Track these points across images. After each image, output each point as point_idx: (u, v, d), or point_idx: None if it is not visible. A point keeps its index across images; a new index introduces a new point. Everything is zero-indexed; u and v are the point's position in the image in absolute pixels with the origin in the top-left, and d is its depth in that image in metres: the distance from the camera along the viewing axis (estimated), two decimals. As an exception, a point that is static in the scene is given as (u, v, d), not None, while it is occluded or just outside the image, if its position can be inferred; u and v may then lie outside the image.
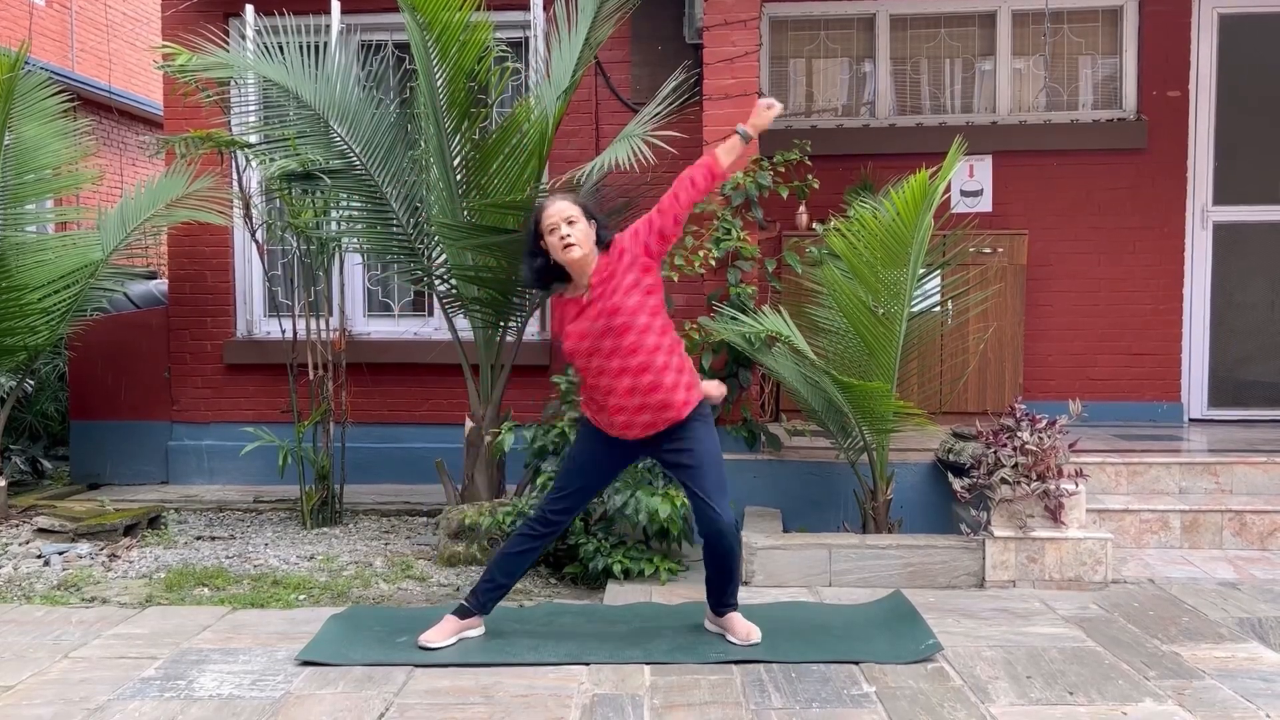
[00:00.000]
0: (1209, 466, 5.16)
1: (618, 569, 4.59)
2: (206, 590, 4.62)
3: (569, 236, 3.57)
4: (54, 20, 11.24)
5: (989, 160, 6.54)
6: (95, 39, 11.86)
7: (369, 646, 3.74)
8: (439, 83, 5.04)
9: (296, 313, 6.11)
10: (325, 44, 5.60)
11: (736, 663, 3.59)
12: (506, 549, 3.85)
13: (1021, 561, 4.45)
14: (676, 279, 5.18)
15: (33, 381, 7.24)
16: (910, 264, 4.49)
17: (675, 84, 5.15)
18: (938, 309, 5.23)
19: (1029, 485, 4.44)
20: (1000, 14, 6.60)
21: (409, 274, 6.00)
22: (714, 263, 5.16)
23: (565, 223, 3.58)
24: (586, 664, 3.59)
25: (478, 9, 4.88)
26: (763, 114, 3.83)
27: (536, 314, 6.21)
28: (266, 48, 5.52)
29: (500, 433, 5.20)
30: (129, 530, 5.54)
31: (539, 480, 4.96)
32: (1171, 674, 3.48)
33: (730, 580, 3.81)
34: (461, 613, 3.81)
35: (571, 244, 3.57)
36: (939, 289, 5.21)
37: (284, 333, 6.21)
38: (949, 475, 4.87)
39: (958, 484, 4.67)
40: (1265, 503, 4.97)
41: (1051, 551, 4.44)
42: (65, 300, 6.03)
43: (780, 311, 4.84)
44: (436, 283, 5.56)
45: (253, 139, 5.91)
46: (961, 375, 6.08)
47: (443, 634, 3.76)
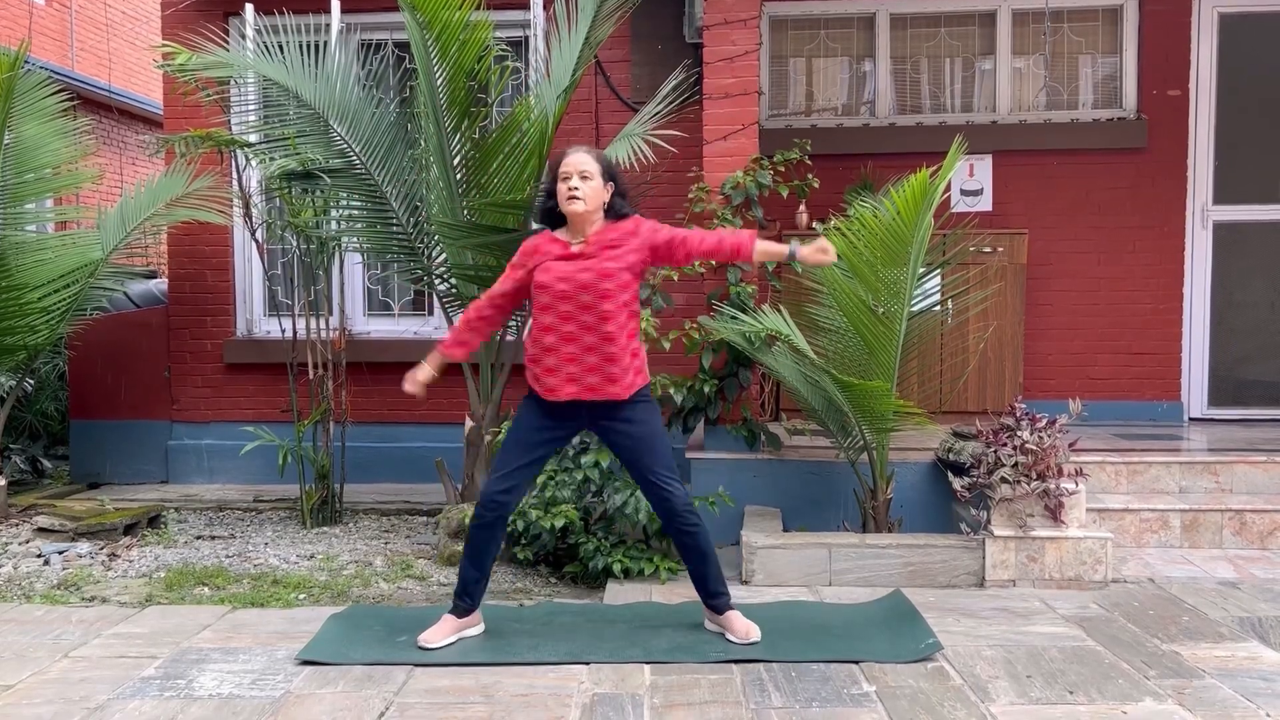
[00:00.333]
0: (1209, 466, 5.16)
1: (617, 568, 4.59)
2: (206, 589, 4.62)
3: (577, 190, 3.64)
4: (54, 19, 11.24)
5: (989, 159, 6.54)
6: (95, 38, 11.86)
7: (369, 646, 3.74)
8: (439, 82, 5.04)
9: (296, 312, 6.12)
10: (325, 43, 5.60)
11: (736, 662, 3.59)
12: (466, 546, 3.82)
13: (1021, 561, 4.45)
14: (676, 278, 5.18)
15: (32, 381, 7.25)
16: (910, 263, 4.49)
17: (675, 83, 5.15)
18: (938, 308, 5.22)
19: (1029, 484, 4.44)
20: (1000, 13, 6.60)
21: (409, 273, 6.00)
22: (714, 262, 5.15)
23: (579, 175, 3.66)
24: (586, 663, 3.59)
25: (477, 8, 4.88)
26: (817, 256, 3.79)
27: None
28: (266, 47, 5.52)
29: (500, 432, 5.20)
30: (129, 529, 5.54)
31: (539, 479, 4.96)
32: (1171, 673, 3.48)
33: (706, 561, 3.81)
34: (459, 612, 3.81)
35: (577, 197, 3.64)
36: (939, 288, 5.21)
37: (284, 332, 6.22)
38: (949, 474, 4.87)
39: (958, 483, 4.67)
40: (1265, 502, 4.97)
41: (1051, 551, 4.44)
42: (65, 299, 6.03)
43: (780, 310, 4.84)
44: (436, 282, 5.57)
45: (252, 138, 5.91)
46: (961, 374, 6.08)
47: (441, 634, 3.76)
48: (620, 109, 6.55)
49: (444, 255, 5.42)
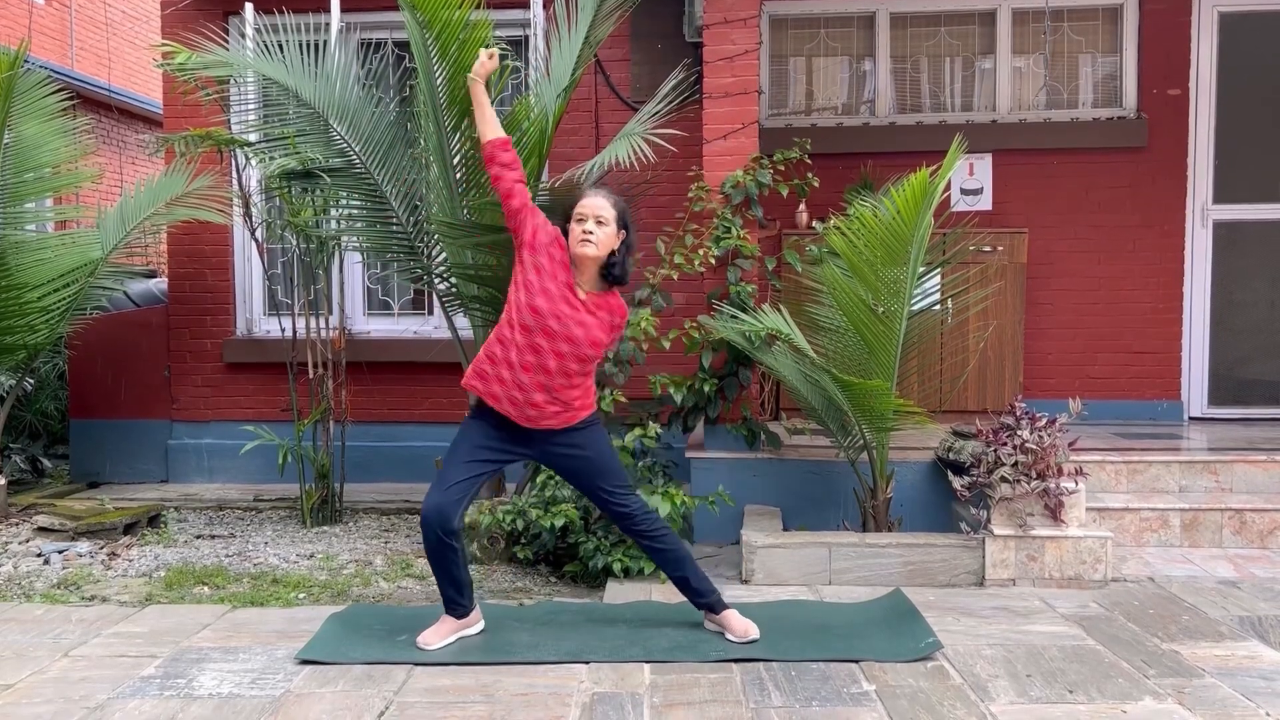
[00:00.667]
0: (1209, 465, 5.16)
1: (617, 567, 4.59)
2: (206, 589, 4.62)
3: (591, 235, 3.63)
4: (53, 18, 11.24)
5: (989, 159, 6.54)
6: (95, 37, 11.86)
7: (369, 645, 3.74)
8: (439, 81, 5.04)
9: (296, 311, 6.11)
10: (325, 42, 5.59)
11: (736, 661, 3.59)
12: (433, 567, 3.74)
13: (1021, 560, 4.45)
14: (676, 277, 5.18)
15: (32, 380, 7.24)
16: (910, 262, 4.49)
17: (675, 82, 5.14)
18: (938, 307, 5.22)
19: (1029, 484, 4.44)
20: (1000, 12, 6.60)
21: (409, 272, 6.00)
22: (714, 261, 5.16)
23: (595, 219, 3.64)
24: (586, 662, 3.59)
25: (477, 7, 4.88)
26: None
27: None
28: (266, 46, 5.51)
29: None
30: (129, 529, 5.54)
31: (538, 479, 4.96)
32: (1171, 672, 3.48)
33: (684, 564, 3.82)
34: (455, 614, 3.81)
35: (590, 241, 3.63)
36: (939, 287, 5.21)
37: (284, 331, 6.22)
38: (949, 474, 4.87)
39: (958, 482, 4.67)
40: (1265, 501, 4.97)
41: (1051, 550, 4.44)
42: (65, 299, 6.03)
43: (780, 310, 4.84)
44: (436, 281, 5.56)
45: (252, 137, 5.91)
46: (961, 374, 6.08)
47: (440, 634, 3.75)
48: (620, 108, 6.55)
49: (444, 254, 5.42)
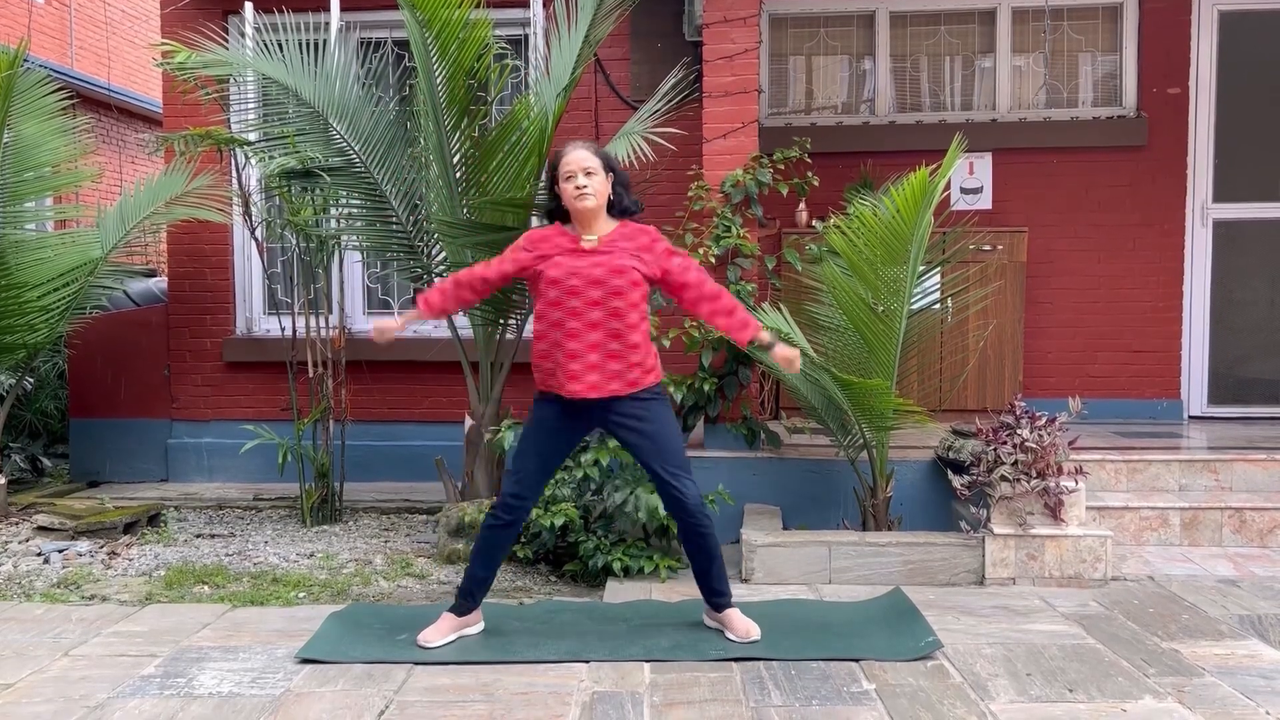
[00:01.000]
0: (1209, 464, 5.16)
1: (617, 566, 4.59)
2: (206, 588, 4.62)
3: (585, 187, 3.63)
4: (53, 18, 11.23)
5: (989, 157, 6.54)
6: (94, 36, 11.85)
7: (369, 644, 3.74)
8: (438, 80, 5.04)
9: (296, 310, 6.11)
10: (325, 41, 5.60)
11: (736, 660, 3.59)
12: (479, 543, 3.82)
13: (1021, 559, 4.45)
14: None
15: (32, 379, 7.24)
16: (910, 261, 4.48)
17: (675, 81, 5.15)
18: (937, 306, 5.22)
19: (1029, 483, 4.44)
20: (1000, 11, 6.60)
21: (408, 272, 5.99)
22: (714, 260, 5.16)
23: (583, 172, 3.64)
24: (586, 661, 3.59)
25: (477, 6, 4.88)
26: (786, 361, 3.82)
27: (536, 311, 6.20)
28: (266, 45, 5.52)
29: (500, 430, 5.20)
30: (129, 528, 5.54)
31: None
32: (1171, 671, 3.48)
33: (712, 561, 3.80)
34: (458, 610, 3.81)
35: (586, 193, 3.63)
36: (939, 286, 5.20)
37: (283, 330, 6.21)
38: (949, 473, 4.87)
39: (957, 481, 4.66)
40: (1265, 500, 4.97)
41: (1051, 549, 4.44)
42: (64, 298, 6.03)
43: (780, 309, 4.84)
44: (436, 280, 5.56)
45: (252, 136, 5.91)
46: (961, 373, 6.08)
47: (441, 632, 3.76)
48: (620, 107, 6.54)
49: (443, 254, 5.42)
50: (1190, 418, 6.51)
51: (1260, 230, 6.53)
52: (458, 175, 5.23)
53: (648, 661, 3.59)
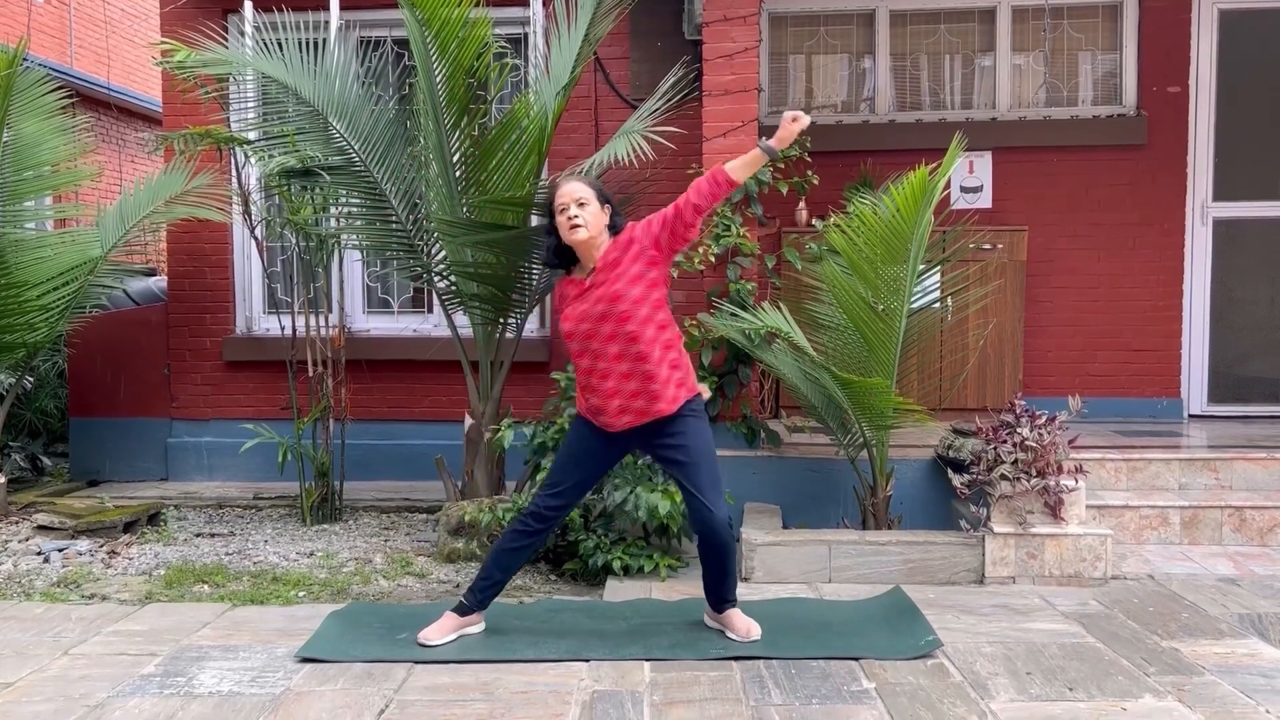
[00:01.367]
0: (1209, 462, 5.16)
1: (617, 565, 4.59)
2: (206, 587, 4.62)
3: (576, 218, 3.61)
4: (52, 17, 11.22)
5: (989, 156, 6.54)
6: (94, 35, 11.84)
7: (369, 643, 3.74)
8: (438, 79, 5.03)
9: (296, 309, 6.11)
10: (324, 40, 5.59)
11: (736, 659, 3.59)
12: (502, 544, 3.83)
13: (1021, 558, 4.45)
14: (676, 275, 5.16)
15: (32, 378, 7.24)
16: (910, 260, 4.48)
17: (674, 80, 5.14)
18: (937, 305, 5.22)
19: (1029, 481, 4.44)
20: (1000, 10, 6.60)
21: (408, 270, 6.00)
22: (714, 259, 5.16)
23: (575, 204, 3.62)
24: (586, 660, 3.59)
25: (477, 5, 4.88)
26: (788, 127, 3.65)
27: (536, 310, 6.20)
28: (265, 44, 5.51)
29: (500, 429, 5.20)
30: (128, 527, 5.54)
31: (538, 477, 4.96)
32: (1171, 670, 3.48)
33: (726, 576, 3.80)
34: (461, 610, 3.81)
35: (578, 225, 3.61)
36: (939, 285, 5.20)
37: (283, 329, 6.21)
38: (949, 471, 4.87)
39: (957, 480, 4.66)
40: (1265, 498, 4.97)
41: (1051, 548, 4.44)
42: (64, 297, 6.02)
43: (780, 308, 4.84)
44: (436, 279, 5.56)
45: (252, 135, 5.90)
46: (961, 371, 6.08)
47: (442, 631, 3.76)
48: (619, 106, 6.54)
49: (443, 252, 5.42)
50: (1190, 416, 6.51)
51: (1260, 229, 6.53)
52: (457, 174, 5.23)
53: (648, 660, 3.59)
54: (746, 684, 3.39)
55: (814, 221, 5.28)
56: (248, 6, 6.28)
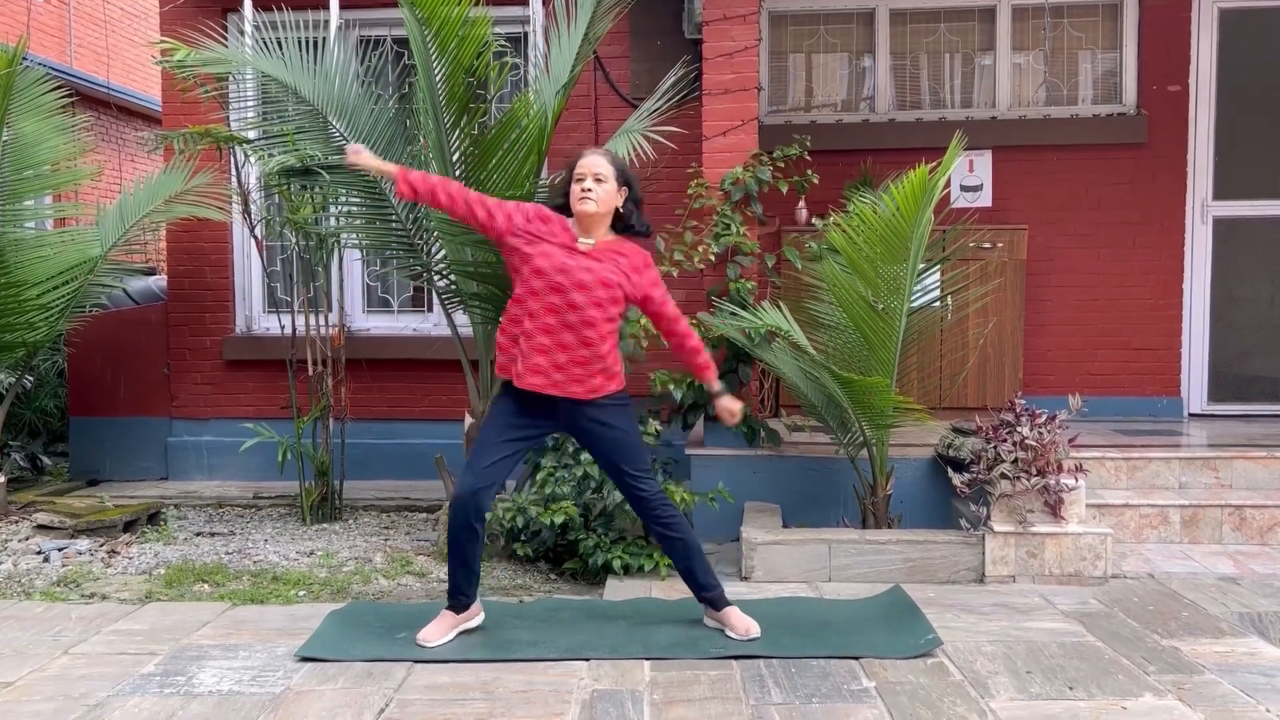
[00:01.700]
0: (1209, 461, 5.16)
1: (617, 564, 4.59)
2: (206, 586, 4.62)
3: (590, 191, 3.65)
4: (52, 16, 11.22)
5: (989, 155, 6.53)
6: (93, 35, 11.84)
7: (369, 642, 3.74)
8: (438, 78, 5.03)
9: (295, 308, 6.11)
10: (324, 39, 5.59)
11: (736, 658, 3.59)
12: (449, 547, 3.78)
13: (1021, 556, 4.45)
14: (676, 274, 5.17)
15: (32, 378, 7.24)
16: (910, 259, 4.48)
17: (674, 79, 5.14)
18: (937, 304, 5.22)
19: (1029, 480, 4.44)
20: (1000, 9, 6.59)
21: (408, 270, 5.99)
22: (713, 258, 5.16)
23: (593, 178, 3.67)
24: (586, 659, 3.59)
25: (476, 4, 4.87)
26: (730, 411, 3.92)
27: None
28: (265, 43, 5.51)
29: (500, 428, 5.19)
30: (128, 526, 5.54)
31: (538, 476, 4.96)
32: (1171, 669, 3.48)
33: (691, 556, 3.82)
34: (456, 608, 3.81)
35: (589, 198, 3.65)
36: (939, 284, 5.20)
37: (283, 329, 6.21)
38: (949, 470, 4.87)
39: (957, 479, 4.66)
40: (1265, 497, 4.97)
41: (1051, 546, 4.44)
42: (64, 296, 6.02)
43: (780, 307, 4.83)
44: (436, 278, 5.56)
45: (251, 134, 5.90)
46: (961, 370, 6.07)
47: (440, 630, 3.75)
48: (619, 105, 6.54)
49: (443, 252, 5.41)
50: (1190, 415, 6.51)
51: (1260, 227, 6.52)
52: (457, 173, 5.22)
53: (648, 659, 3.59)
54: (746, 683, 3.39)
55: (814, 220, 5.28)
56: (247, 5, 6.27)
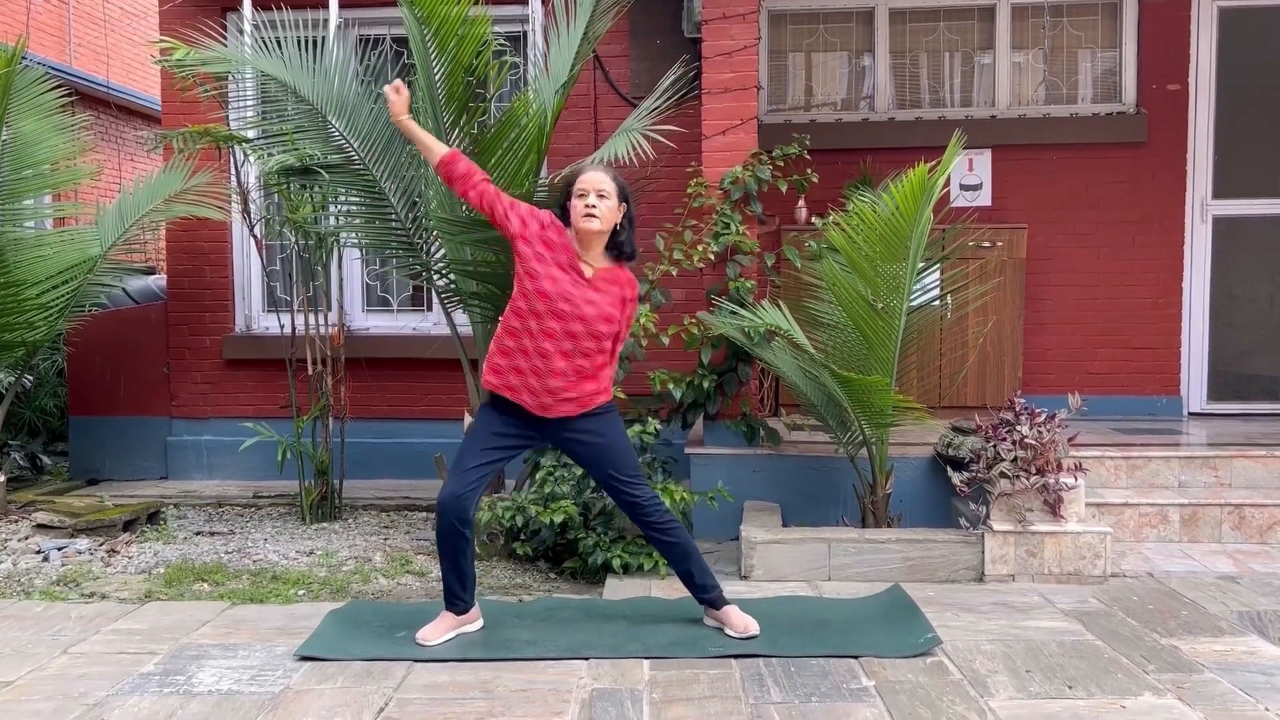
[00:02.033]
0: (1208, 460, 5.16)
1: (617, 564, 4.59)
2: (206, 586, 4.62)
3: (594, 208, 3.62)
4: (51, 15, 11.22)
5: (988, 154, 6.53)
6: (93, 34, 11.84)
7: (368, 642, 3.74)
8: (437, 77, 5.03)
9: (295, 308, 6.11)
10: (323, 38, 5.59)
11: (736, 657, 3.59)
12: (440, 553, 3.78)
13: (1021, 555, 4.45)
14: (675, 273, 5.18)
15: (31, 377, 7.24)
16: (909, 258, 4.48)
17: (674, 78, 5.14)
18: (937, 303, 5.22)
19: (1028, 479, 4.44)
20: (999, 7, 6.59)
21: (407, 269, 6.00)
22: (713, 257, 5.16)
23: (596, 194, 3.63)
24: (586, 659, 3.59)
25: (476, 3, 4.87)
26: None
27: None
28: (264, 42, 5.51)
29: (499, 428, 5.19)
30: (128, 526, 5.54)
31: (538, 475, 4.96)
32: (1171, 668, 3.48)
33: (689, 557, 3.82)
34: (454, 610, 3.81)
35: (594, 215, 3.62)
36: (938, 283, 5.21)
37: (283, 328, 6.21)
38: (948, 469, 4.87)
39: (957, 478, 4.66)
40: (1264, 496, 4.97)
41: (1051, 545, 4.44)
42: (63, 296, 6.02)
43: (779, 306, 4.83)
44: (435, 278, 5.56)
45: (251, 134, 5.90)
46: (961, 369, 6.07)
47: (439, 630, 3.75)
48: (619, 104, 6.54)
49: (443, 251, 5.42)
50: (1190, 414, 6.51)
51: (1260, 226, 6.52)
52: (457, 172, 5.22)
53: (647, 658, 3.59)
54: (746, 682, 3.39)
55: (813, 219, 5.29)
56: (246, 4, 6.27)
